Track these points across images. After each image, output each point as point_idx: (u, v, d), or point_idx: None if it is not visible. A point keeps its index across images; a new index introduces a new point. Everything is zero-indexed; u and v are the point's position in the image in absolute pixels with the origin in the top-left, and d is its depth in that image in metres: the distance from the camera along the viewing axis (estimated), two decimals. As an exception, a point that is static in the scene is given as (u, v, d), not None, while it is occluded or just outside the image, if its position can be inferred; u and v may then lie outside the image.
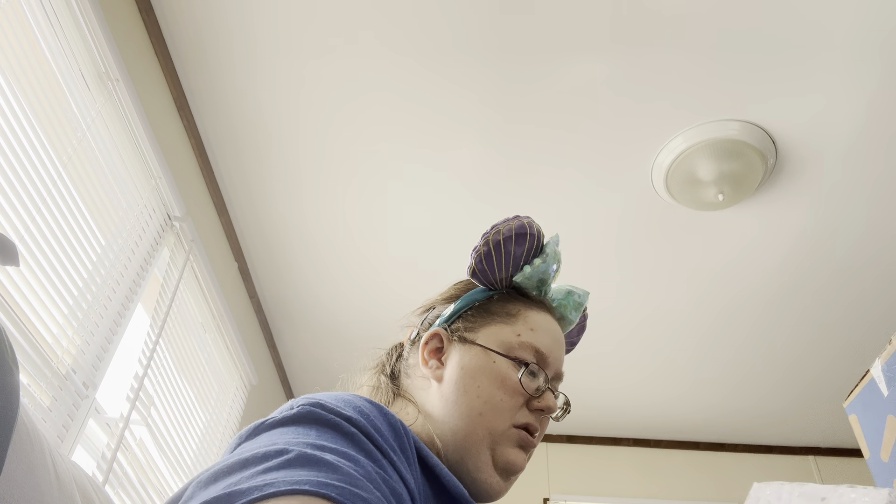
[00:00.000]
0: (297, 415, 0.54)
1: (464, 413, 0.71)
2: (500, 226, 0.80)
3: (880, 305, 2.45)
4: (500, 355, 0.74)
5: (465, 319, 0.79)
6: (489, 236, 0.80)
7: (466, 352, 0.75)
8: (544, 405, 0.73)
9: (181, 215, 1.91)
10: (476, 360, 0.74)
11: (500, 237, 0.80)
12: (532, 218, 0.83)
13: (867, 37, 1.69)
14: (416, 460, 0.59)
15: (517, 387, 0.72)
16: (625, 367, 2.82)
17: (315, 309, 2.62)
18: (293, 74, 1.84)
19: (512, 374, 0.73)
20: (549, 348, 0.76)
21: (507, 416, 0.71)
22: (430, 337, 0.79)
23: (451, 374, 0.74)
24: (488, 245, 0.80)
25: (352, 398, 0.58)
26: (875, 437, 1.05)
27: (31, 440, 0.56)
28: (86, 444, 1.58)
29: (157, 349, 1.78)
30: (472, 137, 1.98)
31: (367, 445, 0.52)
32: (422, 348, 0.79)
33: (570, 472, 3.09)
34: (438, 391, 0.74)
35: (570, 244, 2.29)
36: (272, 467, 0.45)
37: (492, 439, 0.70)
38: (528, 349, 0.75)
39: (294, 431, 0.52)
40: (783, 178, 2.04)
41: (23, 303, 1.28)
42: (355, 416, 0.54)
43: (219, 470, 0.47)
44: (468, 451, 0.70)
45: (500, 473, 0.71)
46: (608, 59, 1.77)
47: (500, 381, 0.72)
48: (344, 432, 0.52)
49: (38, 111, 1.35)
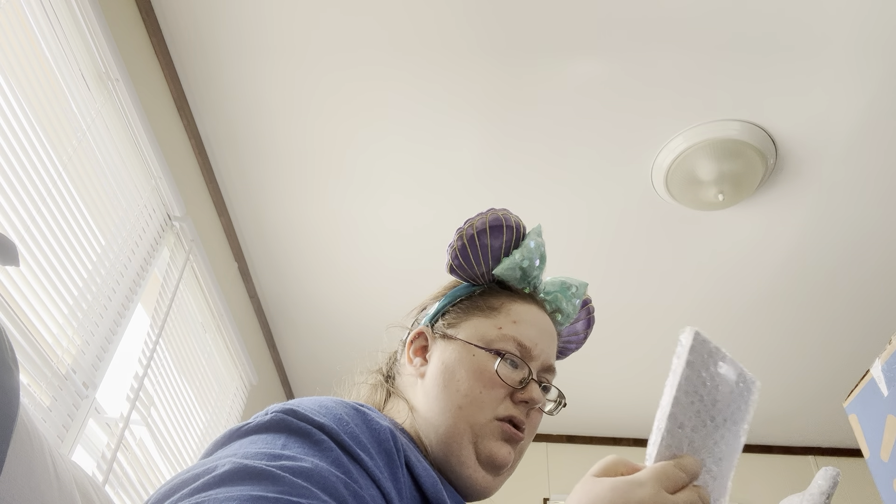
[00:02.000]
0: (270, 422, 0.55)
1: (444, 408, 0.71)
2: (473, 219, 0.80)
3: (880, 305, 2.45)
4: (479, 348, 0.73)
5: (448, 316, 0.79)
6: (462, 230, 0.80)
7: (447, 347, 0.76)
8: (527, 396, 0.72)
9: (181, 215, 1.91)
10: (455, 354, 0.74)
11: (473, 230, 0.79)
12: (508, 210, 0.82)
13: (867, 37, 1.69)
14: (405, 465, 0.59)
15: (495, 378, 0.71)
16: (625, 367, 2.81)
17: (315, 309, 2.62)
18: (293, 74, 1.84)
19: (490, 365, 0.72)
20: (533, 340, 0.75)
21: (487, 408, 0.71)
22: (415, 336, 0.80)
23: (432, 370, 0.75)
24: (462, 239, 0.79)
25: (333, 405, 0.59)
26: (875, 437, 1.05)
27: (31, 440, 0.56)
28: (86, 444, 1.58)
29: (157, 349, 1.78)
30: (473, 137, 1.98)
31: (334, 453, 0.52)
32: (407, 347, 0.79)
33: (570, 472, 3.09)
34: (422, 388, 0.75)
35: (571, 244, 2.29)
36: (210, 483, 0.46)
37: (473, 433, 0.70)
38: (509, 341, 0.74)
39: (263, 440, 0.53)
40: (783, 178, 2.04)
41: (23, 303, 1.28)
42: (327, 423, 0.55)
43: (173, 486, 0.48)
44: (451, 446, 0.70)
45: (484, 468, 0.70)
46: (608, 59, 1.77)
47: (478, 373, 0.72)
48: (314, 440, 0.53)
49: (38, 111, 1.35)
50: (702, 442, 0.52)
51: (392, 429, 0.60)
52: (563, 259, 2.32)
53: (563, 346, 0.91)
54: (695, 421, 0.52)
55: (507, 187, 2.11)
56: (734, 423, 0.53)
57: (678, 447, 0.51)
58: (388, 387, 0.80)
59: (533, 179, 2.08)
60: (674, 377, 0.52)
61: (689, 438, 0.51)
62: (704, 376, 0.52)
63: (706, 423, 0.52)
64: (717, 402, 0.52)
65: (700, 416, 0.52)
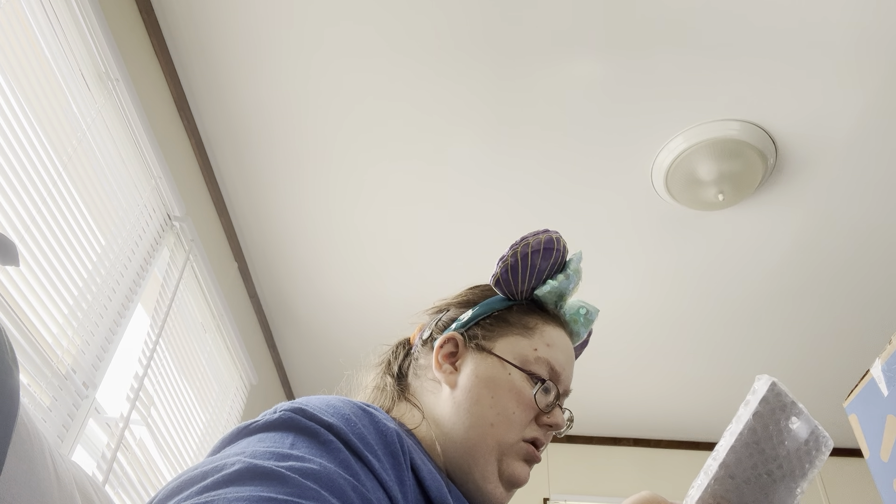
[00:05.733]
0: (278, 420, 0.55)
1: (475, 422, 0.71)
2: (528, 238, 0.80)
3: (880, 305, 2.45)
4: (516, 368, 0.74)
5: (483, 327, 0.78)
6: (518, 248, 0.79)
7: (482, 360, 0.75)
8: (553, 422, 0.73)
9: (181, 215, 1.91)
10: (492, 370, 0.74)
11: (528, 249, 0.79)
12: (560, 233, 0.83)
13: (867, 37, 1.69)
14: (410, 467, 0.59)
15: (531, 402, 0.72)
16: (625, 367, 2.81)
17: (315, 309, 2.62)
18: (293, 74, 1.84)
19: (527, 388, 0.73)
20: (562, 366, 0.77)
21: (517, 429, 0.71)
22: (446, 340, 0.78)
23: (464, 381, 0.74)
24: (516, 256, 0.79)
25: (341, 405, 0.58)
26: (875, 437, 1.05)
27: (31, 440, 0.56)
28: (86, 444, 1.58)
29: (157, 349, 1.78)
30: (473, 138, 1.98)
31: (342, 454, 0.52)
32: (436, 351, 0.77)
33: (570, 472, 3.09)
34: (450, 397, 0.74)
35: (571, 244, 2.28)
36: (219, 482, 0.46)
37: (500, 451, 0.71)
38: (543, 364, 0.75)
39: (271, 438, 0.53)
40: (783, 178, 2.04)
41: (23, 303, 1.28)
42: (336, 423, 0.55)
43: (181, 483, 0.48)
44: (476, 459, 0.70)
45: (503, 485, 0.71)
46: (609, 59, 1.77)
47: (516, 394, 0.72)
48: (322, 440, 0.53)
49: (38, 111, 1.35)
50: (752, 496, 0.50)
51: (398, 430, 0.60)
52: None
53: None
54: (749, 473, 0.49)
55: (508, 188, 2.11)
56: (792, 479, 0.50)
57: (724, 496, 0.49)
58: (397, 390, 0.79)
59: (533, 181, 2.08)
60: (737, 424, 0.50)
61: (739, 490, 0.49)
62: (771, 430, 0.49)
63: (761, 476, 0.50)
64: (779, 457, 0.50)
65: (756, 469, 0.49)
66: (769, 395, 0.50)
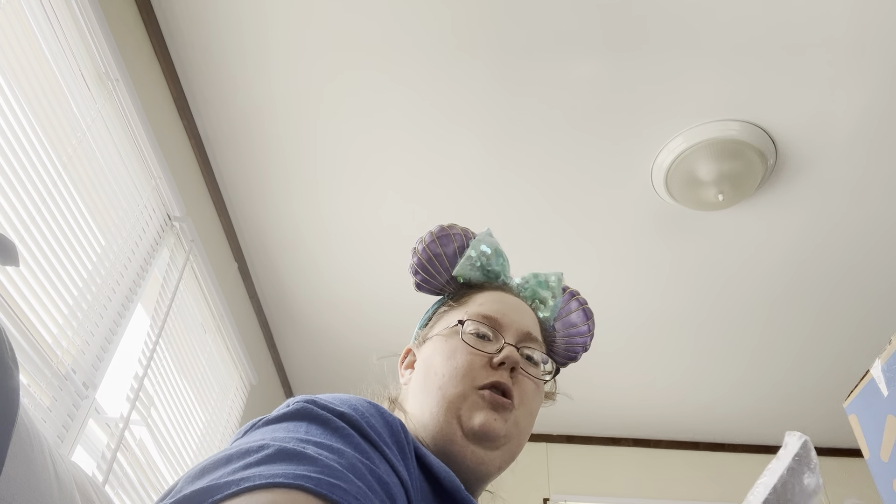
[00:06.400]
0: (292, 411, 0.56)
1: (429, 393, 0.73)
2: (422, 237, 0.86)
3: (880, 305, 2.45)
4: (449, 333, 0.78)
5: (426, 327, 0.85)
6: (415, 248, 0.86)
7: (426, 347, 0.80)
8: (503, 356, 0.73)
9: (181, 215, 1.91)
10: (430, 347, 0.79)
11: (423, 244, 0.86)
12: (453, 222, 0.88)
13: (867, 36, 1.69)
14: (414, 457, 0.60)
15: (466, 348, 0.74)
16: (624, 367, 2.81)
17: (315, 309, 2.62)
18: (293, 74, 1.84)
19: (462, 343, 0.75)
20: (500, 311, 0.78)
21: (465, 380, 0.72)
22: (405, 354, 0.85)
23: (416, 371, 0.79)
24: (415, 255, 0.86)
25: (349, 398, 0.60)
26: (875, 437, 1.04)
27: (31, 440, 0.56)
28: (86, 444, 1.58)
29: (157, 349, 1.78)
30: (474, 138, 1.98)
31: (355, 439, 0.54)
32: (399, 366, 0.85)
33: (570, 472, 3.09)
34: (411, 390, 0.78)
35: (571, 244, 2.29)
36: (252, 463, 0.47)
37: (455, 406, 0.71)
38: (474, 318, 0.78)
39: (286, 427, 0.54)
40: (783, 178, 2.04)
41: (23, 303, 1.28)
42: (348, 412, 0.56)
43: (206, 465, 0.49)
44: (439, 428, 0.70)
45: (473, 441, 0.69)
46: (609, 59, 1.77)
47: (451, 350, 0.75)
48: (334, 427, 0.54)
49: (38, 111, 1.35)
50: None
51: (402, 422, 0.62)
52: (563, 259, 2.32)
53: (567, 343, 0.91)
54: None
55: (508, 189, 2.11)
56: None
57: None
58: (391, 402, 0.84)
59: (533, 181, 2.08)
60: (770, 477, 0.53)
61: None
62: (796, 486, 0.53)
63: None
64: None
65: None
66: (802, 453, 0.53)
